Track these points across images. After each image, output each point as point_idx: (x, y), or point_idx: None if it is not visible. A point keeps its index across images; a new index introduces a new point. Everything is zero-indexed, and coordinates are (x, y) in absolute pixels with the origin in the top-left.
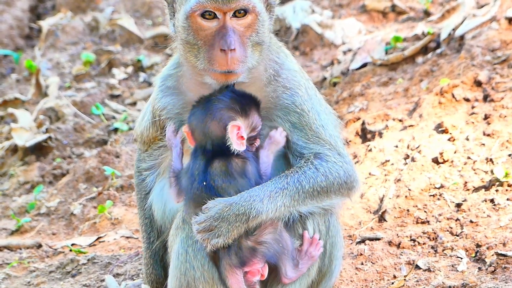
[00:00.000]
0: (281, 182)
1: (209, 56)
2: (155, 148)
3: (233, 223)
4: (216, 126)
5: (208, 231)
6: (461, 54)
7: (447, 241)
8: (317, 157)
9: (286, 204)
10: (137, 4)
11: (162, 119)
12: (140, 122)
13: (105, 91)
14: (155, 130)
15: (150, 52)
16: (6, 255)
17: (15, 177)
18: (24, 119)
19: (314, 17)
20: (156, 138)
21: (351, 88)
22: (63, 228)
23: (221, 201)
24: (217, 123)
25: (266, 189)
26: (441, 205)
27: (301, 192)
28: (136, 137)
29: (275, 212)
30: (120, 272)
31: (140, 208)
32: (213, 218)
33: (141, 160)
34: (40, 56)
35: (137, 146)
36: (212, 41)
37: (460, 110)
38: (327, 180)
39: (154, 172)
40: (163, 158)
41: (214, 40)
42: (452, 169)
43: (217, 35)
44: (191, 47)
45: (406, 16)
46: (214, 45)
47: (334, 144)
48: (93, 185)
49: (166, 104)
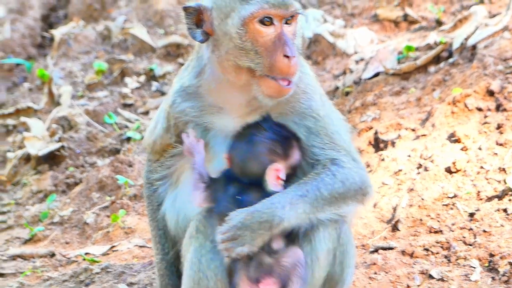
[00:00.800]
0: (301, 189)
1: (270, 63)
2: (167, 157)
3: (256, 231)
4: (256, 167)
5: (232, 240)
6: (473, 64)
7: (460, 250)
8: (333, 163)
9: (306, 211)
10: (149, 13)
11: (179, 124)
12: (152, 131)
13: (117, 100)
14: (169, 137)
15: (162, 61)
16: (19, 264)
17: (28, 186)
18: (36, 128)
19: (326, 27)
20: (170, 146)
21: (364, 98)
22: (76, 237)
23: (243, 210)
24: (258, 165)
25: (287, 196)
26: (454, 215)
27: (320, 199)
28: (147, 147)
29: (296, 219)
30: (134, 281)
31: (153, 219)
32: (236, 227)
33: (151, 170)
34: (53, 65)
35: (147, 158)
36: (273, 47)
37: (473, 120)
38: (344, 186)
39: (166, 182)
40: (175, 168)
41: (275, 46)
42: (465, 179)
43: (278, 42)
44: (246, 53)
45: (418, 26)
46: (276, 52)
47: (349, 149)
48: (106, 194)
49: (184, 108)
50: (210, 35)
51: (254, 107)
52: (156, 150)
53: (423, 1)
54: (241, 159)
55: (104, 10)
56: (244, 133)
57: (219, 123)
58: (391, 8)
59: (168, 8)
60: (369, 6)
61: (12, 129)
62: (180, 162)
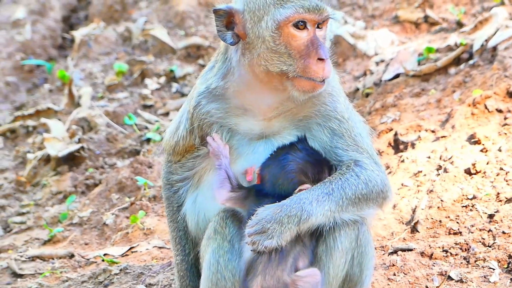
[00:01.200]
0: (327, 187)
1: (304, 65)
2: (189, 158)
3: (285, 225)
4: (287, 185)
5: (260, 233)
6: (493, 65)
7: (480, 252)
8: (357, 165)
9: (331, 209)
10: (170, 14)
11: (204, 126)
12: (174, 132)
13: (137, 102)
14: (193, 139)
15: (182, 62)
16: (38, 265)
17: (48, 187)
18: (56, 129)
19: (347, 28)
20: (193, 148)
21: (384, 99)
22: (95, 238)
23: (271, 205)
24: (288, 183)
25: (314, 193)
26: (473, 216)
27: (345, 199)
28: (167, 149)
29: (322, 216)
30: (153, 283)
31: (173, 220)
32: (265, 220)
33: (171, 171)
34: (73, 66)
35: (166, 158)
36: (306, 50)
37: (493, 121)
38: (367, 187)
39: (187, 184)
40: (197, 169)
41: (309, 49)
42: (485, 180)
43: (311, 45)
44: (279, 56)
45: (438, 27)
46: (309, 55)
47: (371, 152)
48: (126, 195)
49: (209, 109)
50: (241, 38)
51: (280, 111)
52: (178, 151)
53: (444, 2)
54: (273, 175)
55: (124, 11)
56: (278, 152)
57: (244, 125)
58: (412, 9)
59: (189, 10)
60: (390, 8)
61: (32, 130)
62: (202, 164)
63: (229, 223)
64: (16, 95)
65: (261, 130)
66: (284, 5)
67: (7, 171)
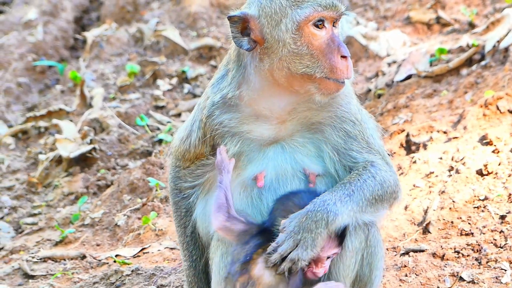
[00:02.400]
0: (347, 188)
1: (330, 65)
2: (198, 165)
3: (315, 231)
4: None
5: (294, 247)
6: (505, 66)
7: (491, 253)
8: (372, 165)
9: (354, 210)
10: (181, 15)
11: (216, 137)
12: (185, 140)
13: (149, 102)
14: (204, 148)
15: (194, 63)
16: (50, 266)
17: (60, 188)
18: (68, 130)
19: (359, 29)
20: (203, 155)
21: (396, 100)
22: (107, 239)
23: (295, 215)
24: None
25: (336, 194)
26: (485, 217)
27: (364, 199)
28: (176, 154)
29: (347, 216)
30: (164, 284)
31: (180, 225)
32: (294, 232)
33: (180, 177)
34: (85, 67)
35: (173, 163)
36: (328, 49)
37: (505, 122)
38: (382, 188)
39: (198, 190)
40: (207, 177)
41: (330, 48)
42: (497, 181)
43: (332, 44)
44: (301, 57)
45: (450, 28)
46: (332, 53)
47: (383, 154)
48: (137, 196)
49: (223, 119)
50: (259, 43)
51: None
52: (189, 157)
53: (456, 3)
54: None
55: (136, 12)
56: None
57: (256, 131)
58: (424, 10)
59: (201, 11)
60: (402, 9)
61: (44, 131)
62: (213, 172)
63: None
64: (28, 96)
65: (273, 135)
66: (301, 6)
67: (18, 172)
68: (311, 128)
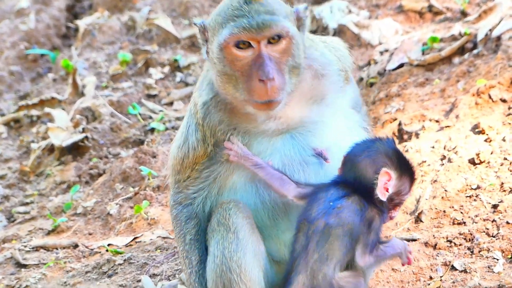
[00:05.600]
0: None
1: (248, 87)
2: (199, 169)
3: None
4: (368, 164)
5: None
6: (498, 55)
7: (484, 242)
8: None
9: None
10: (174, 3)
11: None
12: (182, 146)
13: (141, 91)
14: (205, 147)
15: (187, 51)
16: (42, 255)
17: (52, 176)
18: (60, 118)
19: (351, 17)
20: (202, 158)
21: (388, 89)
22: (99, 228)
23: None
24: (371, 162)
25: None
26: (477, 206)
27: None
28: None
29: None
30: (157, 273)
31: (180, 236)
32: None
33: (180, 191)
34: (77, 55)
35: (173, 181)
36: (250, 71)
37: (497, 111)
38: None
39: (203, 193)
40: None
41: (252, 70)
42: (489, 170)
43: (254, 65)
44: (228, 78)
45: (443, 17)
46: (252, 76)
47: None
48: (130, 185)
49: (220, 116)
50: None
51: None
52: (188, 164)
53: None
54: (356, 154)
55: (129, 0)
56: (366, 140)
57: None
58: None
59: None
60: None
61: (36, 120)
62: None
63: (232, 214)
64: (20, 85)
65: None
66: (226, 25)
67: (11, 160)
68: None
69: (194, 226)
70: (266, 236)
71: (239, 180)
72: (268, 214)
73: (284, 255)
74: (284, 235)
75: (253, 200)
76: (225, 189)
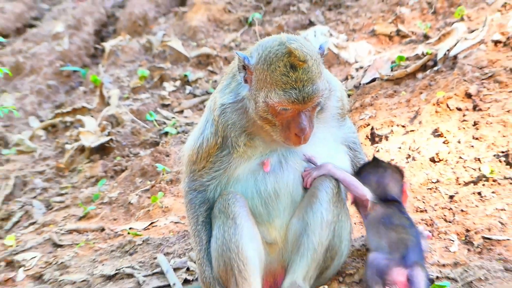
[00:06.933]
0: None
1: (284, 135)
2: (213, 161)
3: None
4: (395, 184)
5: None
6: (454, 71)
7: (442, 226)
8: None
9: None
10: (184, 29)
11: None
12: (198, 137)
13: (157, 101)
14: (216, 139)
15: (194, 68)
16: (75, 237)
17: (83, 172)
18: (90, 124)
19: (332, 40)
20: (214, 149)
21: (362, 99)
22: (122, 215)
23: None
24: (396, 182)
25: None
26: (436, 197)
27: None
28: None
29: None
30: (170, 251)
31: (193, 217)
32: None
33: (195, 179)
34: (103, 72)
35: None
36: (288, 123)
37: (453, 118)
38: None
39: (215, 181)
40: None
41: (290, 123)
42: (446, 167)
43: (293, 120)
44: (268, 121)
45: (408, 39)
46: (289, 127)
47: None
48: (147, 179)
49: (233, 117)
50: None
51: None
52: (203, 155)
53: (413, 18)
54: (383, 179)
55: (146, 26)
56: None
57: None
58: (386, 24)
59: (200, 25)
60: (368, 23)
61: (70, 125)
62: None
63: (231, 203)
64: (56, 96)
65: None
66: (276, 90)
67: (48, 159)
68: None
69: (206, 210)
70: (259, 222)
71: (242, 173)
72: (262, 203)
73: (275, 237)
74: (274, 221)
75: (250, 190)
76: (232, 179)
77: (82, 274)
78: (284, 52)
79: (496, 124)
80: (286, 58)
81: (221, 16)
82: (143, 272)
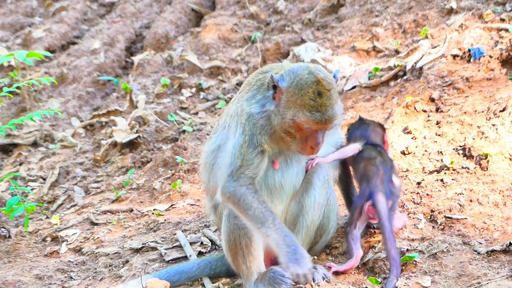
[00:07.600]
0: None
1: (301, 146)
2: (251, 158)
3: None
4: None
5: None
6: (420, 80)
7: (411, 208)
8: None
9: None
10: (198, 45)
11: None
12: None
13: (176, 105)
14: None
15: (207, 78)
16: (108, 217)
17: (115, 163)
18: (121, 124)
19: (320, 54)
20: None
21: (345, 103)
22: (147, 198)
23: None
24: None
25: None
26: (406, 183)
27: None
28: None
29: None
30: (187, 229)
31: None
32: None
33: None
34: (133, 80)
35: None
36: (306, 137)
37: (420, 118)
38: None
39: (256, 176)
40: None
41: (308, 137)
42: (414, 158)
43: (311, 135)
44: (289, 134)
45: (383, 54)
46: (307, 140)
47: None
48: (168, 169)
49: (258, 123)
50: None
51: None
52: (242, 151)
53: (386, 37)
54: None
55: (168, 43)
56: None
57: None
58: (364, 41)
59: (212, 42)
60: (349, 40)
61: (105, 125)
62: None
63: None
64: (94, 101)
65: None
66: (303, 111)
67: (87, 152)
68: None
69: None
70: None
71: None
72: (268, 193)
73: None
74: (277, 207)
75: (260, 183)
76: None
77: (114, 247)
78: (313, 81)
79: (455, 123)
80: (315, 86)
81: (229, 35)
82: (165, 246)
